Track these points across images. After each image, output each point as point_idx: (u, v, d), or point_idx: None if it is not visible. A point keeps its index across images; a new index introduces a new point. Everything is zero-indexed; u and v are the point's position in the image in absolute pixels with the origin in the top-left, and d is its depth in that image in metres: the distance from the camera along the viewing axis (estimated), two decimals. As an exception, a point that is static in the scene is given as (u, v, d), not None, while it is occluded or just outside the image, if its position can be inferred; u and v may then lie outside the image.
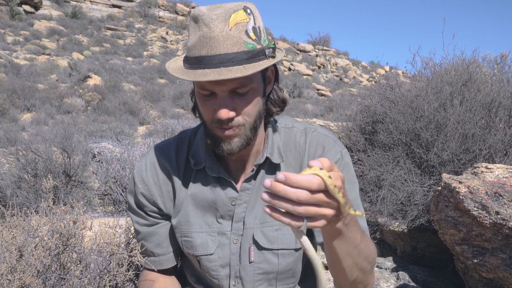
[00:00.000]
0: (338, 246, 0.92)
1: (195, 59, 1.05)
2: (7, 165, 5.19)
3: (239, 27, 1.03)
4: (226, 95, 1.05)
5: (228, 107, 1.05)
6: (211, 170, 1.22)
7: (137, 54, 29.23)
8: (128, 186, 1.29)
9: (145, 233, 1.31)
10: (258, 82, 1.12)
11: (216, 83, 1.04)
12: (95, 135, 9.80)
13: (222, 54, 1.02)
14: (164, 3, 39.23)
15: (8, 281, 1.94)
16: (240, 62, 1.03)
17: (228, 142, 1.11)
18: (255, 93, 1.10)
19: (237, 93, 1.07)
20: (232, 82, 1.04)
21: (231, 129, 1.09)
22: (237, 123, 1.08)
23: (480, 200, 2.09)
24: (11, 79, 16.86)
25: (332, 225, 0.84)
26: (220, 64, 1.01)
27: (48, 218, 2.31)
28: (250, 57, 1.05)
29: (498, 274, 2.10)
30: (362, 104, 4.51)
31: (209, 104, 1.09)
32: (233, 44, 1.02)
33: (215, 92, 1.06)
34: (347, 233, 0.90)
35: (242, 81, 1.05)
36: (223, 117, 1.05)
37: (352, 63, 39.80)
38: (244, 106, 1.08)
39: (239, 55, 1.03)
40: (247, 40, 1.04)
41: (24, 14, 30.62)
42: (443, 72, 3.98)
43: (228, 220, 1.23)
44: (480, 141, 3.27)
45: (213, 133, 1.12)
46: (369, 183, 3.72)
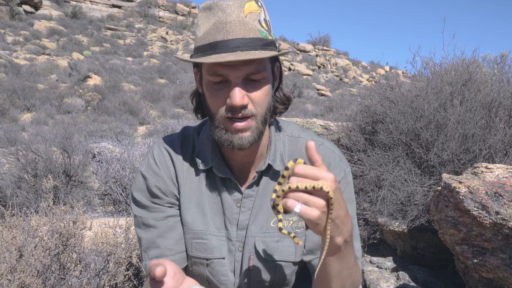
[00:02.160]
0: (333, 263, 0.95)
1: (209, 45, 1.04)
2: (7, 165, 5.19)
3: (253, 16, 1.05)
4: (240, 82, 1.05)
5: (241, 94, 1.04)
6: (218, 171, 1.20)
7: (137, 54, 29.23)
8: (134, 185, 1.24)
9: (165, 228, 1.20)
10: (269, 73, 1.12)
11: (232, 68, 1.03)
12: (95, 135, 9.81)
13: (239, 39, 1.02)
14: (164, 3, 39.23)
15: (8, 281, 1.94)
16: (256, 47, 1.03)
17: (239, 136, 1.09)
18: (267, 82, 1.10)
19: (251, 81, 1.06)
20: (248, 67, 1.03)
21: (243, 121, 1.08)
22: (250, 112, 1.07)
23: (480, 200, 2.09)
24: (11, 79, 16.87)
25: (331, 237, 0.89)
26: (237, 48, 1.02)
27: (48, 218, 2.31)
28: (264, 44, 1.06)
29: (498, 274, 2.10)
30: (362, 104, 4.51)
31: (220, 94, 1.07)
32: (249, 29, 1.03)
33: (227, 80, 1.05)
34: (344, 252, 0.94)
35: (258, 67, 1.05)
36: (237, 103, 1.03)
37: (352, 63, 39.80)
38: (257, 94, 1.07)
39: (255, 41, 1.04)
40: (261, 28, 1.06)
41: (24, 14, 30.63)
42: (443, 72, 3.98)
43: (234, 226, 1.22)
44: (480, 141, 3.27)
45: (223, 127, 1.10)
46: (369, 183, 3.72)
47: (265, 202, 1.21)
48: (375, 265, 3.22)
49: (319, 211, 0.82)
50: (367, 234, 3.95)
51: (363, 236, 3.87)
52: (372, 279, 2.99)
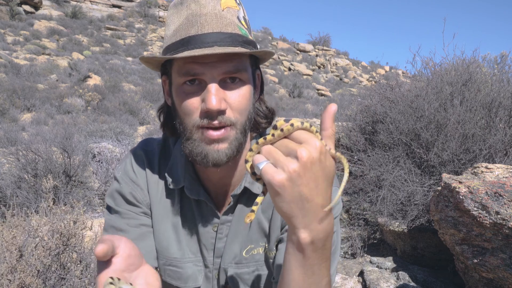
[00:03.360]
0: (295, 273, 0.76)
1: (181, 41, 0.91)
2: (7, 165, 5.19)
3: (231, 11, 0.93)
4: (217, 82, 0.90)
5: (219, 97, 0.89)
6: (190, 192, 1.06)
7: (137, 54, 29.21)
8: (109, 189, 1.13)
9: (136, 235, 1.07)
10: (250, 76, 0.97)
11: (207, 66, 0.89)
12: (95, 135, 9.81)
13: (216, 33, 0.89)
14: (164, 3, 39.24)
15: (8, 281, 1.94)
16: (235, 44, 0.90)
17: (215, 148, 0.93)
18: (247, 86, 0.95)
19: (229, 82, 0.92)
20: (226, 65, 0.89)
21: (220, 130, 0.92)
22: (228, 120, 0.92)
23: (480, 200, 2.09)
24: (11, 79, 16.87)
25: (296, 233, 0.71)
26: (213, 43, 0.89)
27: (48, 218, 2.31)
28: (244, 41, 0.93)
29: (498, 274, 2.10)
30: (362, 104, 4.52)
31: (193, 98, 0.91)
32: (227, 24, 0.91)
33: (201, 82, 0.91)
34: (311, 261, 0.74)
35: (237, 65, 0.91)
36: (214, 107, 0.87)
37: (352, 63, 39.80)
38: (236, 98, 0.92)
39: (234, 36, 0.91)
40: (240, 25, 0.94)
41: (24, 14, 30.62)
42: (443, 72, 3.98)
43: (211, 251, 1.11)
44: (480, 141, 3.27)
45: (195, 139, 0.94)
46: (369, 183, 3.72)
47: (240, 229, 1.09)
48: (375, 265, 3.22)
49: (286, 175, 0.65)
50: (367, 234, 3.95)
51: (363, 236, 3.87)
52: (372, 279, 2.99)
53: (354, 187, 3.85)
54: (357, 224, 4.04)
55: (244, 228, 1.09)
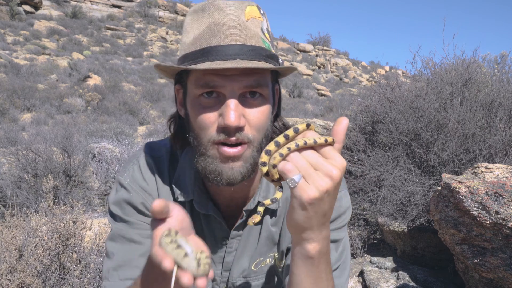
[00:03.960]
0: (303, 279, 0.78)
1: (202, 51, 0.86)
2: (7, 165, 5.19)
3: (255, 22, 0.88)
4: (237, 97, 0.85)
5: (238, 113, 0.84)
6: (200, 206, 1.02)
7: (137, 54, 29.24)
8: (114, 196, 1.04)
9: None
10: (270, 92, 0.92)
11: (228, 79, 0.84)
12: (95, 135, 9.81)
13: (239, 45, 0.84)
14: (164, 3, 39.24)
15: (8, 281, 1.94)
16: (258, 58, 0.86)
17: (229, 166, 0.89)
18: (267, 102, 0.91)
19: (249, 98, 0.87)
20: (247, 79, 0.84)
21: (237, 148, 0.88)
22: (245, 137, 0.87)
23: (480, 200, 2.09)
24: (11, 79, 16.87)
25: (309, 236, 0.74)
26: (236, 55, 0.84)
27: (48, 218, 2.31)
28: (267, 56, 0.88)
29: (498, 274, 2.10)
30: (362, 104, 4.52)
31: (211, 111, 0.86)
32: (250, 36, 0.86)
33: (220, 95, 0.86)
34: (319, 268, 0.77)
35: (259, 80, 0.86)
36: (232, 124, 0.83)
37: (352, 63, 39.82)
38: (255, 115, 0.88)
39: (257, 49, 0.86)
40: (264, 37, 0.89)
41: (24, 14, 30.63)
42: (443, 72, 3.98)
43: (219, 265, 1.09)
44: (480, 141, 3.27)
45: (210, 155, 0.89)
46: (369, 183, 3.72)
47: (250, 243, 1.07)
48: (375, 265, 3.22)
49: (318, 193, 0.66)
50: (367, 234, 3.95)
51: (363, 236, 3.87)
52: (372, 279, 2.99)
53: (354, 187, 3.85)
54: (357, 224, 4.04)
55: (253, 242, 1.08)
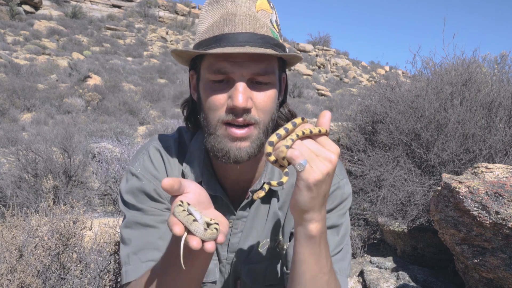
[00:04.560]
0: (307, 256, 0.85)
1: (214, 38, 0.93)
2: (7, 165, 5.19)
3: (264, 14, 0.96)
4: (245, 81, 0.92)
5: (246, 95, 0.92)
6: (208, 187, 1.05)
7: (137, 54, 29.23)
8: (126, 185, 1.09)
9: (166, 231, 1.04)
10: (277, 79, 1.00)
11: (237, 65, 0.91)
12: (95, 135, 9.81)
13: (249, 33, 0.92)
14: (164, 3, 39.23)
15: (8, 281, 1.94)
16: (266, 46, 0.93)
17: (237, 146, 0.96)
18: (274, 87, 0.98)
19: (256, 83, 0.94)
20: (256, 66, 0.92)
21: (244, 129, 0.95)
22: (252, 119, 0.94)
23: (480, 200, 2.09)
24: (11, 79, 16.87)
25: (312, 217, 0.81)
26: (245, 42, 0.91)
27: (48, 218, 2.31)
28: (275, 44, 0.95)
29: (498, 274, 2.10)
30: (362, 104, 4.52)
31: (221, 94, 0.94)
32: (260, 25, 0.94)
33: (230, 80, 0.93)
34: (320, 246, 0.85)
35: (266, 68, 0.94)
36: (240, 105, 0.90)
37: (352, 63, 39.81)
38: (262, 99, 0.95)
39: (266, 38, 0.94)
40: (272, 28, 0.97)
41: (24, 14, 30.63)
42: (443, 72, 3.98)
43: (225, 246, 1.13)
44: (480, 141, 3.27)
45: (219, 135, 0.96)
46: (369, 183, 3.72)
47: (256, 225, 1.12)
48: (375, 265, 3.22)
49: (321, 176, 0.75)
50: (367, 234, 3.95)
51: (363, 236, 3.87)
52: (372, 279, 2.99)
53: (354, 187, 3.85)
54: (357, 224, 4.04)
55: (260, 223, 1.12)
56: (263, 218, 1.12)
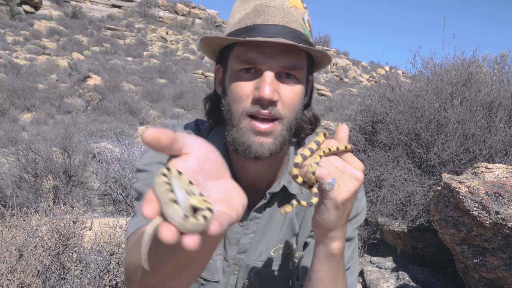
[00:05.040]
0: (324, 273, 0.85)
1: (246, 28, 0.92)
2: (8, 165, 5.19)
3: (297, 11, 0.95)
4: (273, 74, 0.90)
5: (273, 87, 0.89)
6: None
7: (137, 54, 29.23)
8: (143, 159, 1.04)
9: None
10: (304, 78, 0.97)
11: (267, 56, 0.89)
12: (95, 135, 9.81)
13: (281, 26, 0.91)
14: (164, 3, 39.24)
15: (8, 281, 1.94)
16: (297, 40, 0.91)
17: (259, 141, 0.93)
18: (300, 86, 0.95)
19: (284, 78, 0.93)
20: (285, 59, 0.90)
21: (268, 124, 0.92)
22: (277, 113, 0.91)
23: (480, 200, 2.09)
24: (11, 79, 16.87)
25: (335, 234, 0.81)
26: (277, 34, 0.90)
27: (48, 218, 2.31)
28: (306, 41, 0.94)
29: (498, 274, 2.10)
30: (362, 104, 4.52)
31: (247, 84, 0.92)
32: (292, 20, 0.93)
33: (258, 71, 0.91)
34: (338, 264, 0.85)
35: (295, 63, 0.92)
36: (267, 96, 0.88)
37: (352, 63, 39.80)
38: (289, 94, 0.92)
39: (297, 33, 0.92)
40: (304, 25, 0.96)
41: (24, 14, 30.63)
42: (443, 72, 3.98)
43: (234, 247, 1.10)
44: (480, 141, 3.27)
45: (241, 127, 0.93)
46: (369, 183, 3.72)
47: (270, 228, 1.09)
48: (375, 265, 3.22)
49: (349, 194, 0.74)
50: (367, 234, 3.95)
51: (363, 236, 3.87)
52: (372, 279, 2.99)
53: (354, 187, 3.85)
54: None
55: (275, 227, 1.09)
56: (279, 222, 1.10)
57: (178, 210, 0.46)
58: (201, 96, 21.11)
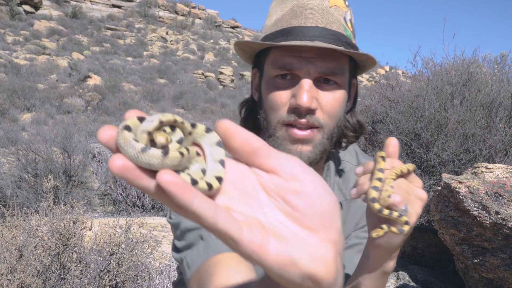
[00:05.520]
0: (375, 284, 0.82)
1: (282, 31, 0.86)
2: (8, 165, 5.19)
3: (338, 10, 0.88)
4: (311, 80, 0.83)
5: (311, 94, 0.83)
6: None
7: (137, 54, 29.24)
8: None
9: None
10: (346, 83, 0.90)
11: (304, 61, 0.83)
12: (95, 135, 9.81)
13: (320, 27, 0.84)
14: (164, 3, 39.25)
15: (8, 281, 1.94)
16: (338, 43, 0.84)
17: (297, 149, 0.86)
18: (341, 91, 0.88)
19: (324, 83, 0.86)
20: (324, 64, 0.83)
21: (306, 130, 0.85)
22: (316, 121, 0.85)
23: (480, 200, 2.09)
24: (11, 79, 16.87)
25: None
26: (315, 37, 0.83)
27: (48, 218, 2.31)
28: (347, 43, 0.86)
29: (498, 274, 2.10)
30: (362, 104, 4.52)
31: (283, 92, 0.85)
32: (332, 21, 0.85)
33: (295, 77, 0.85)
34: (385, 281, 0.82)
35: (335, 68, 0.85)
36: (304, 105, 0.81)
37: (352, 63, 39.82)
38: (329, 101, 0.85)
39: (338, 35, 0.85)
40: (346, 26, 0.88)
41: (24, 14, 30.64)
42: (443, 72, 3.98)
43: None
44: (480, 141, 3.27)
45: (278, 136, 0.87)
46: (369, 183, 3.72)
47: None
48: None
49: (416, 218, 0.71)
50: (367, 234, 3.95)
51: (363, 236, 3.87)
52: (372, 279, 2.99)
53: (354, 187, 3.85)
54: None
55: None
56: None
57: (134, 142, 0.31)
58: (201, 96, 21.12)
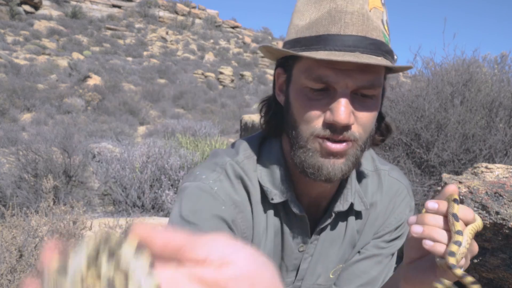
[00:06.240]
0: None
1: (318, 38, 0.79)
2: (8, 165, 5.20)
3: (376, 13, 0.81)
4: (348, 94, 0.79)
5: (348, 110, 0.78)
6: (293, 205, 0.91)
7: (137, 54, 29.26)
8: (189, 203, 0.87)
9: None
10: (381, 93, 0.86)
11: (343, 74, 0.77)
12: (95, 135, 9.82)
13: (360, 36, 0.77)
14: (164, 3, 39.27)
15: (8, 281, 1.94)
16: (378, 53, 0.79)
17: (331, 162, 0.82)
18: (377, 103, 0.84)
19: (361, 97, 0.81)
20: (363, 77, 0.78)
21: (341, 144, 0.81)
22: (352, 135, 0.81)
23: (480, 200, 2.09)
24: (11, 79, 16.88)
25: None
26: (355, 48, 0.77)
27: (48, 218, 2.31)
28: (386, 51, 0.81)
29: (498, 274, 2.11)
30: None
31: (317, 105, 0.80)
32: (372, 28, 0.79)
33: (330, 89, 0.79)
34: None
35: (374, 80, 0.80)
36: (342, 121, 0.77)
37: (352, 63, 39.86)
38: (365, 116, 0.81)
39: (378, 44, 0.79)
40: (384, 30, 0.82)
41: (24, 14, 30.65)
42: (443, 72, 3.98)
43: (292, 273, 0.99)
44: (480, 141, 3.28)
45: (310, 148, 0.83)
46: (369, 183, 3.73)
47: (328, 247, 0.98)
48: (375, 265, 3.22)
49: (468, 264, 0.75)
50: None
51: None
52: (372, 279, 2.99)
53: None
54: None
55: (335, 248, 0.99)
56: (339, 240, 0.99)
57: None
58: (201, 96, 21.14)
